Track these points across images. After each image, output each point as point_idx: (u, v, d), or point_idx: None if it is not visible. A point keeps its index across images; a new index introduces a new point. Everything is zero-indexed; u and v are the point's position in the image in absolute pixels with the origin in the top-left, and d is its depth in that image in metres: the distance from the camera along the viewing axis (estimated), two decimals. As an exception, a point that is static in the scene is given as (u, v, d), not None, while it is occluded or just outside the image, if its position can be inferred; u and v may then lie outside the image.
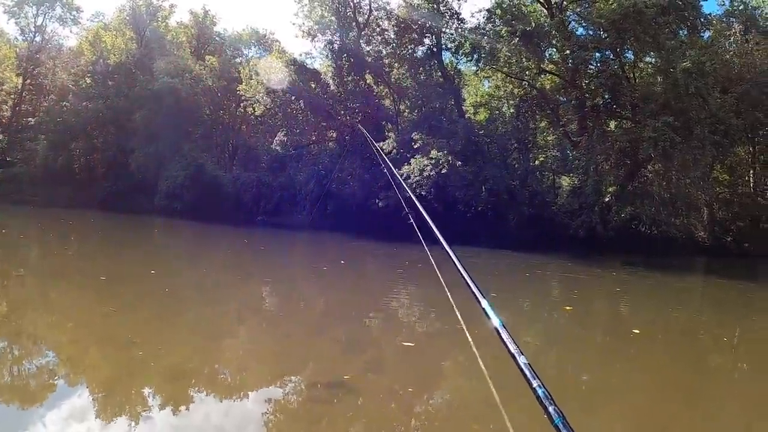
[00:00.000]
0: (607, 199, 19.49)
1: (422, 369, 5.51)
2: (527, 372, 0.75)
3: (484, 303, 1.35)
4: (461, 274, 1.77)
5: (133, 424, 3.55)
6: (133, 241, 17.29)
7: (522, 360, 0.84)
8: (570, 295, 12.35)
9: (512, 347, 0.90)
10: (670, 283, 16.33)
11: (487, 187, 19.50)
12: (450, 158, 19.53)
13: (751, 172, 23.03)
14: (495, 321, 1.11)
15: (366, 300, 9.16)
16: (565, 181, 19.73)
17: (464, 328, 2.21)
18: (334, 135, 23.46)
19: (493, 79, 22.23)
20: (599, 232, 18.93)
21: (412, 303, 9.51)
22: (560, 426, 0.63)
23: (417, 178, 19.99)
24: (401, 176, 20.47)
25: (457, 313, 2.33)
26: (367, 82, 22.83)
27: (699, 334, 8.85)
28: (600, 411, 4.68)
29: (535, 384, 0.72)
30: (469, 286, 1.54)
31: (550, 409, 0.65)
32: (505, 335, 0.87)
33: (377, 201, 20.95)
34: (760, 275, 18.56)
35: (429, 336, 7.15)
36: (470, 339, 2.01)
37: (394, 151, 21.01)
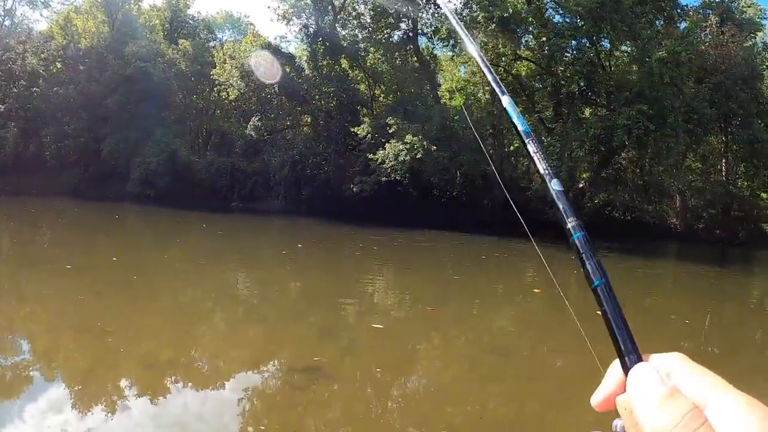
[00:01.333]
0: (581, 185, 19.51)
1: (397, 352, 5.49)
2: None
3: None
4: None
5: (110, 413, 3.47)
6: (105, 228, 16.80)
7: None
8: (544, 279, 12.35)
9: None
10: (642, 267, 16.45)
11: (461, 172, 19.36)
12: (425, 143, 19.35)
13: (724, 161, 23.27)
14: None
15: (340, 284, 9.04)
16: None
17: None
18: (309, 120, 23.09)
19: (469, 65, 22.06)
20: (573, 218, 18.91)
21: (386, 287, 9.42)
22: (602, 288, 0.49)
23: (392, 163, 19.79)
24: (376, 161, 20.32)
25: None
26: (343, 66, 22.49)
27: (670, 317, 8.95)
28: (575, 392, 4.75)
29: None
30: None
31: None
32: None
33: (352, 186, 20.72)
34: (729, 262, 18.81)
35: (402, 320, 7.10)
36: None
37: (369, 136, 20.75)
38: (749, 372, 5.92)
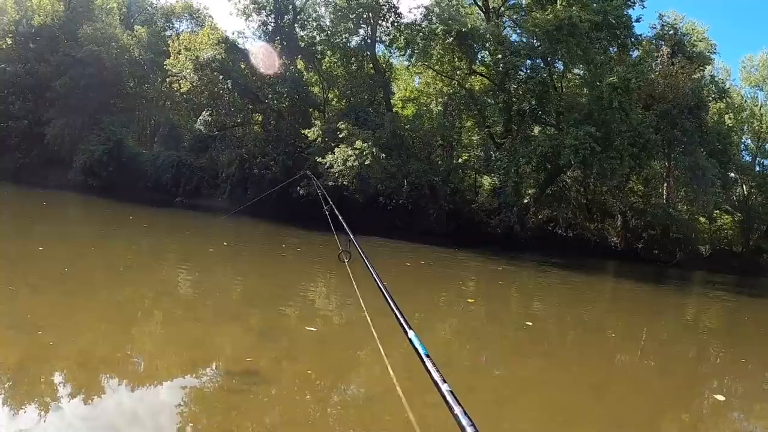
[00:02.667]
0: (526, 201, 19.73)
1: (337, 358, 5.41)
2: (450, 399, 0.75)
3: (411, 334, 1.29)
4: (389, 304, 1.63)
5: (42, 413, 3.29)
6: (40, 218, 15.87)
7: (445, 387, 0.81)
8: (484, 291, 12.43)
9: (436, 375, 0.88)
10: (582, 283, 16.71)
11: (409, 181, 19.30)
12: (374, 150, 19.21)
13: (665, 185, 24.04)
14: (420, 350, 1.05)
15: (280, 287, 8.75)
16: (486, 181, 19.86)
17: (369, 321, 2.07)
18: (260, 118, 22.65)
19: (424, 76, 22.16)
20: (517, 232, 19.12)
21: (328, 292, 9.14)
22: None
23: (340, 168, 19.55)
24: (324, 165, 20.03)
25: (362, 304, 2.59)
26: (298, 67, 22.19)
27: (608, 332, 9.11)
28: (511, 404, 4.83)
29: (457, 411, 0.72)
30: (396, 316, 1.42)
31: None
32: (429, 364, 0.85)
33: (298, 189, 20.37)
34: (666, 281, 19.30)
35: (343, 325, 6.94)
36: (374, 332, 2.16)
37: (319, 139, 20.48)
38: (684, 386, 6.04)
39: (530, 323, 8.61)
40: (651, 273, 20.02)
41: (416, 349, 1.05)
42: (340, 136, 19.86)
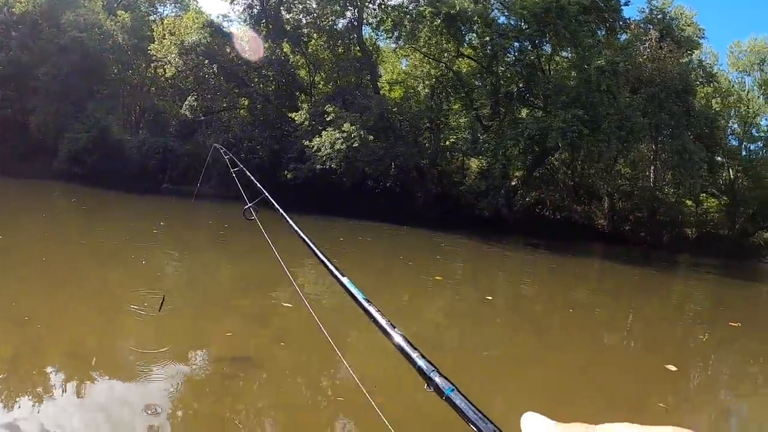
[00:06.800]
0: (513, 183, 19.72)
1: (326, 341, 5.16)
2: (404, 345, 0.70)
3: (345, 281, 1.16)
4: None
5: (36, 405, 3.25)
6: (26, 208, 15.61)
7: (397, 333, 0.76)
8: (473, 273, 12.44)
9: (383, 322, 0.82)
10: (570, 264, 16.79)
11: (396, 164, 19.21)
12: (362, 133, 19.09)
13: (652, 168, 24.15)
14: (359, 295, 0.97)
15: (270, 271, 8.62)
16: (474, 164, 19.80)
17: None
18: (246, 103, 22.40)
19: (411, 59, 21.99)
20: (504, 214, 19.11)
21: (317, 275, 9.10)
22: (452, 396, 0.55)
23: (327, 151, 19.44)
24: (311, 148, 19.89)
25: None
26: (284, 50, 21.94)
27: (595, 312, 9.23)
28: (502, 383, 4.87)
29: (414, 355, 0.65)
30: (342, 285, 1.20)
31: (437, 380, 0.58)
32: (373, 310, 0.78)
33: (286, 172, 20.23)
34: (653, 262, 19.44)
35: (335, 309, 6.73)
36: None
37: (306, 122, 20.30)
38: (669, 363, 6.07)
39: (537, 307, 8.79)
40: (637, 255, 20.15)
41: (354, 296, 0.96)
42: (327, 119, 19.70)
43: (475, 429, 0.48)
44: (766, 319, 10.98)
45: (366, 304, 0.98)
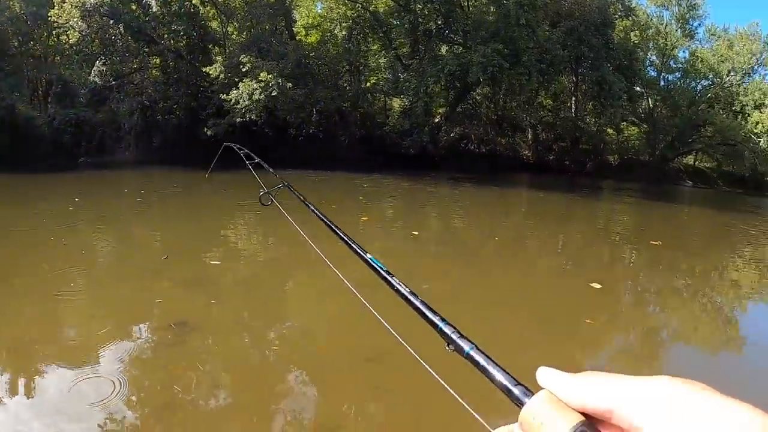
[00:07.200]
0: (437, 120, 19.80)
1: (265, 296, 5.23)
2: (426, 310, 0.75)
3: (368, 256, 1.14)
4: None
5: None
6: None
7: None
8: (401, 211, 12.47)
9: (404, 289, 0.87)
10: (497, 195, 17.12)
11: (318, 109, 18.90)
12: (280, 81, 18.60)
13: (573, 99, 24.84)
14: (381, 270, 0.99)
15: (201, 233, 8.18)
16: (396, 103, 19.74)
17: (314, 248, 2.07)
18: (158, 61, 21.36)
19: (327, 1, 21.47)
20: (430, 151, 19.23)
21: (249, 231, 8.78)
22: (473, 354, 0.58)
23: (246, 103, 18.88)
24: (230, 102, 19.27)
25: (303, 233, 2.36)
26: (193, 2, 20.94)
27: (526, 237, 9.53)
28: (444, 312, 4.76)
29: (436, 319, 0.70)
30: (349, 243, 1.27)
31: (458, 341, 0.63)
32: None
33: (206, 129, 19.56)
34: (578, 189, 20.16)
35: (270, 263, 6.72)
36: (326, 260, 1.92)
37: (222, 76, 19.59)
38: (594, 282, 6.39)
39: (449, 237, 9.00)
40: (563, 183, 20.82)
41: (378, 269, 0.98)
42: (244, 70, 19.06)
43: (498, 384, 0.50)
44: (685, 237, 11.53)
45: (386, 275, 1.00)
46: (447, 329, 0.66)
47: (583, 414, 0.38)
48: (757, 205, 21.32)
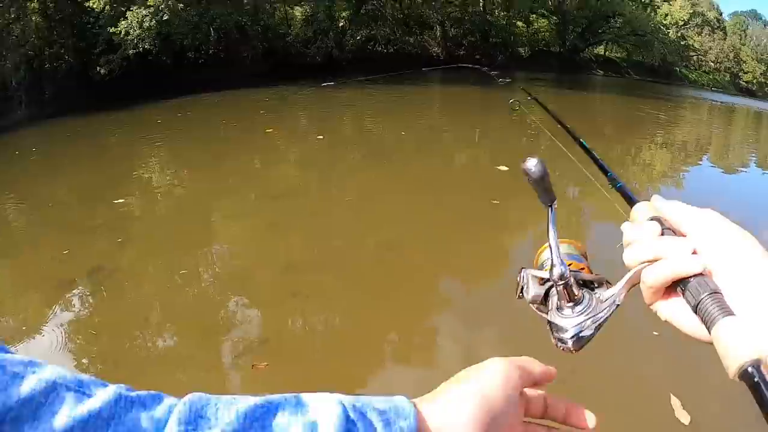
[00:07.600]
0: (341, 24, 19.43)
1: (186, 227, 4.99)
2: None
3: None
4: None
5: None
6: None
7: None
8: (308, 118, 12.28)
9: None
10: (410, 93, 17.09)
11: (215, 28, 18.16)
12: (170, 3, 17.74)
13: (481, -8, 24.85)
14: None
15: (111, 176, 7.40)
16: (298, 12, 19.17)
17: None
18: (37, 6, 19.84)
19: None
20: (336, 56, 18.94)
21: (161, 167, 8.22)
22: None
23: (137, 32, 17.94)
24: (119, 34, 18.22)
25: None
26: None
27: (443, 133, 9.57)
28: (364, 217, 5.16)
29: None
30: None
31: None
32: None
33: (99, 69, 18.52)
34: (490, 82, 20.43)
35: (184, 194, 6.34)
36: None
37: (107, 7, 18.43)
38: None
39: (362, 138, 9.19)
40: (475, 77, 20.94)
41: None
42: (129, -2, 18.01)
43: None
44: (599, 123, 12.17)
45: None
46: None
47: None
48: (667, 93, 22.41)
